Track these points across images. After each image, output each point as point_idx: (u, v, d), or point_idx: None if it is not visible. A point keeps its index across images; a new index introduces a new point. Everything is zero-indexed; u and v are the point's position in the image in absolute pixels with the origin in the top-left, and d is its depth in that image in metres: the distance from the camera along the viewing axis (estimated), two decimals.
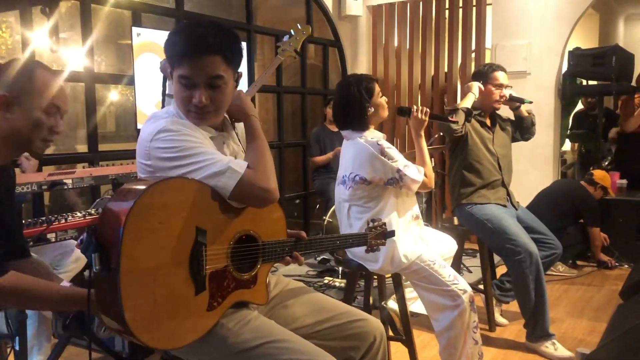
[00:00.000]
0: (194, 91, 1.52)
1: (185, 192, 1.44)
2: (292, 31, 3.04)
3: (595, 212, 4.55)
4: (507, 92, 3.26)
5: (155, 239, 1.37)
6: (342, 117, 2.55)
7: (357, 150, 2.45)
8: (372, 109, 2.48)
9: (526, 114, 3.39)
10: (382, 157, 2.38)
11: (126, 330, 1.34)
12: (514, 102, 3.34)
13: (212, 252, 1.47)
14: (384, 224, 1.97)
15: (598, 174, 4.69)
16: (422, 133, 2.60)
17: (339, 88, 2.56)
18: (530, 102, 3.35)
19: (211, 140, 1.59)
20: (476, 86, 3.26)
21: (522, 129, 3.43)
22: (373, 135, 2.49)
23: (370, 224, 1.95)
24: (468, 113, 3.12)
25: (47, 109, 1.57)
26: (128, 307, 1.32)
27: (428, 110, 2.62)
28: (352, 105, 2.49)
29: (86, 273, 1.40)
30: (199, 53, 1.49)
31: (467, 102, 3.19)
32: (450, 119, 2.97)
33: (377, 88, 2.51)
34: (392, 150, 2.42)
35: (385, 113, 2.55)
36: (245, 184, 1.48)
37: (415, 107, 2.61)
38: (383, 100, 2.54)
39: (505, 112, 3.43)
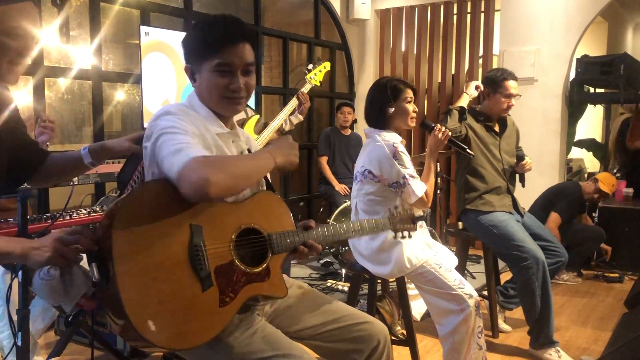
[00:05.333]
0: (233, 77, 1.56)
1: (171, 192, 1.42)
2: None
3: (569, 201, 4.37)
4: (514, 101, 3.20)
5: (147, 239, 1.37)
6: (366, 113, 2.60)
7: (373, 147, 2.48)
8: (393, 110, 2.50)
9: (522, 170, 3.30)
10: (393, 160, 2.40)
11: (138, 336, 1.32)
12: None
13: (212, 247, 1.46)
14: (410, 208, 1.93)
15: (602, 176, 4.60)
16: (436, 154, 2.62)
17: (371, 86, 2.62)
18: (472, 155, 3.04)
19: (217, 138, 1.58)
20: (473, 86, 3.25)
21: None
22: (392, 137, 2.49)
23: (392, 210, 1.91)
24: (461, 112, 3.13)
25: (9, 31, 1.33)
26: (132, 310, 1.31)
27: (449, 133, 2.64)
28: (374, 101, 2.53)
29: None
30: (237, 40, 1.54)
31: (462, 102, 3.20)
32: (468, 150, 2.92)
33: (406, 93, 2.52)
34: (406, 157, 2.44)
35: (408, 121, 2.54)
36: (188, 167, 1.36)
37: (438, 126, 2.62)
38: (409, 107, 2.53)
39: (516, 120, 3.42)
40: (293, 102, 3.56)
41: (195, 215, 1.45)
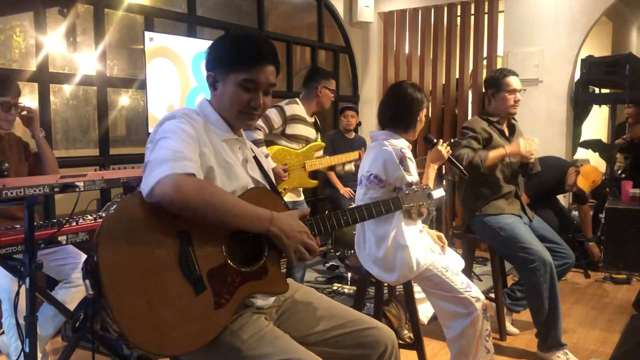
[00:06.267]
0: (255, 95, 1.62)
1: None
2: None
3: (539, 181, 4.06)
4: (519, 96, 3.17)
5: (134, 251, 1.39)
6: (391, 114, 2.58)
7: (380, 151, 2.48)
8: (419, 118, 2.56)
9: (532, 165, 3.24)
10: (399, 165, 2.40)
11: (132, 344, 1.35)
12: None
13: (203, 251, 1.47)
14: (427, 185, 1.91)
15: (586, 169, 4.32)
16: (435, 166, 2.63)
17: (396, 88, 2.60)
18: (466, 176, 2.87)
19: (221, 144, 1.62)
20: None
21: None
22: (399, 142, 2.50)
23: (406, 188, 1.87)
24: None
25: None
26: (123, 320, 1.33)
27: (450, 150, 2.67)
28: (410, 107, 2.53)
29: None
30: (266, 61, 1.61)
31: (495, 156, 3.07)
32: (464, 172, 2.83)
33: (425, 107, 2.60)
34: (412, 164, 2.45)
35: (417, 133, 2.62)
36: (166, 181, 1.39)
37: (441, 141, 2.65)
38: (424, 119, 2.60)
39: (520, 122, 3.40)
40: (354, 155, 3.70)
41: (183, 221, 1.45)
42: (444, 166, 4.66)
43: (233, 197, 1.52)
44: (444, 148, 2.63)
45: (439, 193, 1.89)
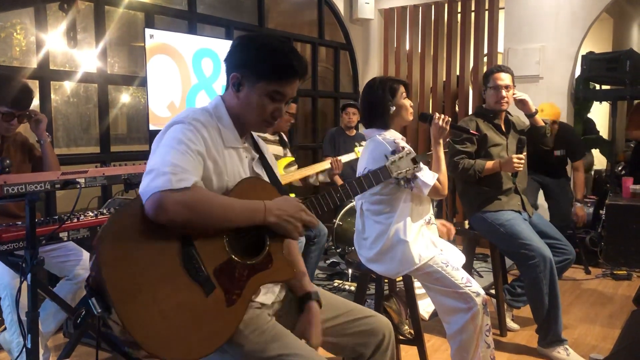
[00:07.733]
0: (279, 105, 1.64)
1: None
2: None
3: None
4: (508, 94, 3.15)
5: (137, 263, 1.37)
6: (366, 116, 2.61)
7: (374, 147, 2.47)
8: (394, 108, 2.51)
9: (541, 124, 3.25)
10: (396, 155, 2.38)
11: (152, 355, 1.35)
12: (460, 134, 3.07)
13: (205, 250, 1.46)
14: (410, 150, 1.92)
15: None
16: (441, 141, 2.60)
17: (364, 88, 2.62)
18: (477, 135, 3.03)
19: (226, 152, 1.60)
20: None
21: (536, 137, 3.29)
22: (392, 134, 2.49)
23: (389, 156, 1.87)
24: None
25: None
26: (138, 333, 1.33)
27: (449, 119, 2.63)
28: (374, 103, 2.54)
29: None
30: (298, 77, 1.64)
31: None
32: (472, 131, 2.90)
33: (401, 89, 2.54)
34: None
35: (408, 116, 2.57)
36: (152, 199, 1.38)
37: (437, 114, 2.62)
38: (407, 102, 2.55)
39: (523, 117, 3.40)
40: (326, 164, 3.63)
41: None
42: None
43: (222, 200, 1.48)
44: (441, 120, 2.59)
45: (422, 157, 1.89)
